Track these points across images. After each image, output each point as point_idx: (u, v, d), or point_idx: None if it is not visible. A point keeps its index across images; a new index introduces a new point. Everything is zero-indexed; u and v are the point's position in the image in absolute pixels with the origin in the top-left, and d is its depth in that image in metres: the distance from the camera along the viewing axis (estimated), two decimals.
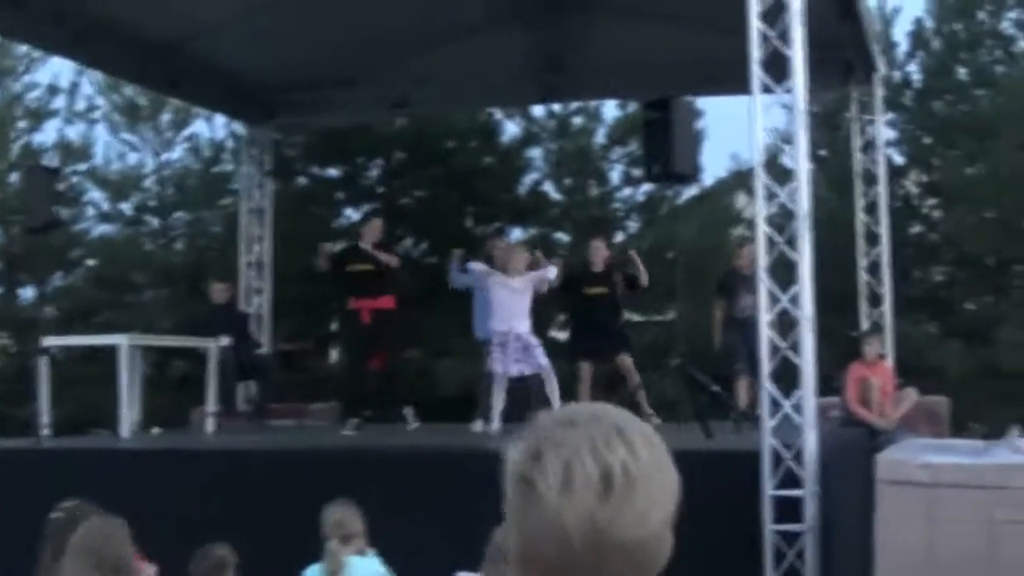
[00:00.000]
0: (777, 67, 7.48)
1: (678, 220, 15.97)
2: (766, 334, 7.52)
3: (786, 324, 7.53)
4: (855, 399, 11.35)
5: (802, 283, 7.43)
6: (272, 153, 15.10)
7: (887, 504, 6.73)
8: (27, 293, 17.93)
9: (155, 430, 12.21)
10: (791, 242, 7.51)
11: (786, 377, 7.62)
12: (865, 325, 12.67)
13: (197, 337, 12.27)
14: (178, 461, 9.74)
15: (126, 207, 18.19)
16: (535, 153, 16.66)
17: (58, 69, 17.54)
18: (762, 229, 7.55)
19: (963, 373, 14.35)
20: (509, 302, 10.20)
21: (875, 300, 12.80)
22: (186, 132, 18.21)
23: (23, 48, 16.91)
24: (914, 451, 7.01)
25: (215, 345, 11.98)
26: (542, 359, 10.00)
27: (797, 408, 7.37)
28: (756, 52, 7.45)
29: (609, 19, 12.70)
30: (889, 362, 12.32)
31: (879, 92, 13.06)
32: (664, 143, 8.42)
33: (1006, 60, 14.95)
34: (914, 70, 15.45)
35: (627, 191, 16.51)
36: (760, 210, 7.53)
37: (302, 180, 16.79)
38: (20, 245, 16.07)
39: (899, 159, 15.62)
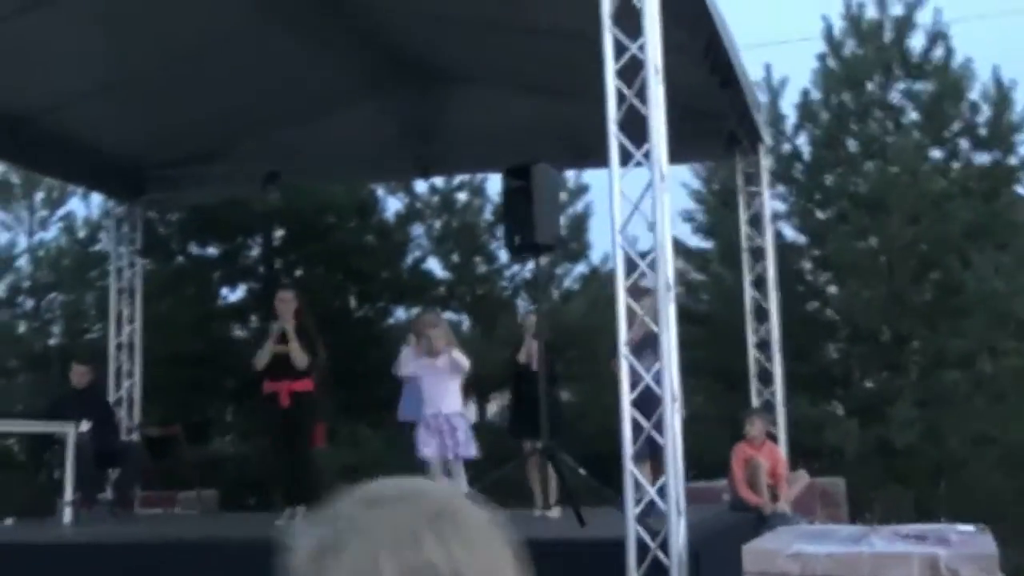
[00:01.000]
0: (637, 129, 7.02)
1: (567, 299, 15.53)
2: (628, 413, 7.00)
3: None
4: (742, 481, 10.85)
5: (666, 359, 6.92)
6: (143, 231, 14.47)
7: None
8: None
9: (7, 520, 11.49)
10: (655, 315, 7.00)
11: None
12: (756, 404, 12.24)
13: (56, 422, 11.57)
14: (27, 554, 8.97)
15: None
16: (418, 230, 16.15)
17: None
18: (622, 302, 7.05)
19: (860, 452, 13.94)
20: (433, 383, 9.72)
21: (766, 378, 12.37)
22: (62, 211, 17.54)
23: None
24: (786, 539, 6.47)
25: (73, 431, 11.28)
26: (464, 448, 9.47)
27: (662, 493, 6.83)
28: (613, 111, 6.99)
29: (476, 90, 12.33)
30: (780, 443, 11.88)
31: (765, 164, 12.72)
32: (525, 212, 7.93)
33: (895, 131, 14.70)
34: (803, 142, 15.16)
35: (515, 268, 16.02)
36: (620, 281, 7.03)
37: (178, 259, 16.12)
38: None
39: (791, 233, 15.31)
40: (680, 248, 17.64)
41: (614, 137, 6.97)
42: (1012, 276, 12.82)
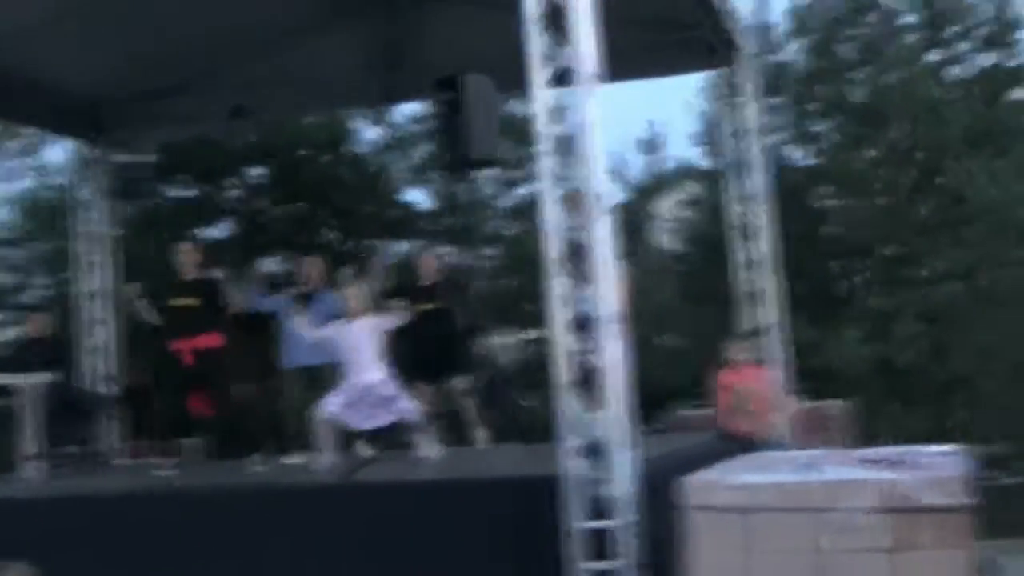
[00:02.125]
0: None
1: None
2: (562, 339, 6.42)
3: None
4: (726, 409, 10.28)
5: (600, 274, 6.33)
6: (110, 173, 13.88)
7: (698, 534, 5.62)
8: None
9: None
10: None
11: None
12: (748, 325, 11.63)
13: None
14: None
15: None
16: (400, 163, 15.51)
17: None
18: (550, 215, 6.44)
19: (864, 372, 13.34)
20: (353, 350, 9.18)
21: (758, 299, 11.73)
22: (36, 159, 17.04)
23: None
24: (733, 471, 5.88)
25: (27, 381, 10.77)
26: (404, 404, 8.94)
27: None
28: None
29: (446, 10, 11.64)
30: (770, 367, 11.27)
31: (747, 73, 12.02)
32: (457, 126, 7.29)
33: (890, 36, 13.96)
34: (796, 51, 14.42)
35: (502, 197, 15.41)
36: (547, 194, 6.43)
37: (149, 201, 15.57)
38: None
39: (788, 147, 14.63)
40: (693, 172, 17.03)
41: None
42: (1011, 184, 12.14)
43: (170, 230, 15.10)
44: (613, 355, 6.35)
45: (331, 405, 8.79)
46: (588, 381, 6.33)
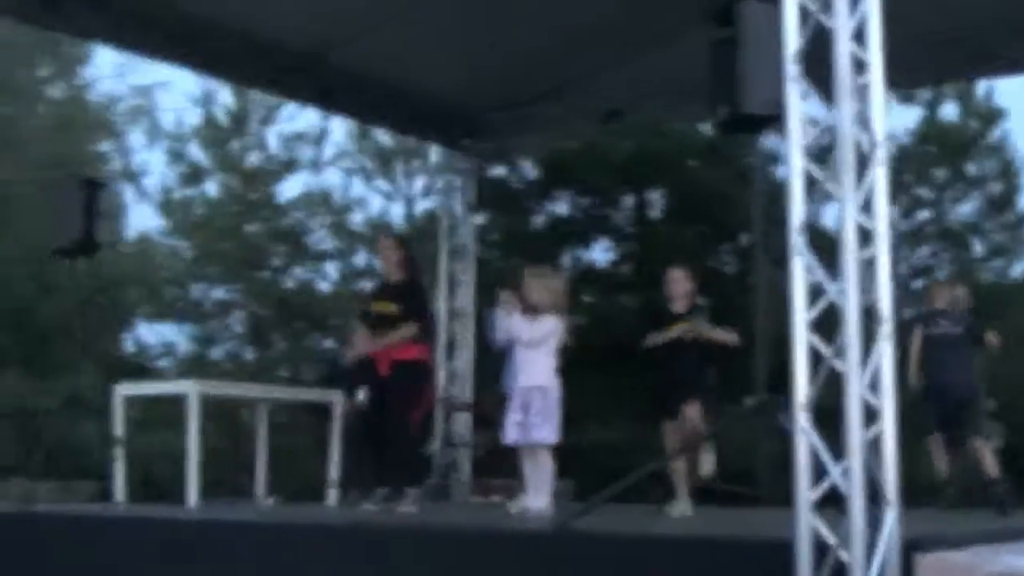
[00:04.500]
0: None
1: None
2: (803, 337, 4.67)
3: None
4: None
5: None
6: (475, 183, 12.98)
7: None
8: None
9: (269, 500, 10.27)
10: None
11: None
12: None
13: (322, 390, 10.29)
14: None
15: None
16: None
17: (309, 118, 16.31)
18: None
19: None
20: (519, 352, 8.11)
21: None
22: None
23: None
24: (986, 550, 3.94)
25: (341, 401, 9.92)
26: (539, 432, 7.53)
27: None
28: None
29: None
30: None
31: None
32: (732, 71, 5.62)
33: None
34: None
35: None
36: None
37: (531, 217, 14.47)
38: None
39: None
40: None
41: None
42: None
43: (543, 250, 13.96)
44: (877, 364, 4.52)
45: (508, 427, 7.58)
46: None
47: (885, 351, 4.74)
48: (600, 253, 14.34)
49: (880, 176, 4.83)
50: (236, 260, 16.04)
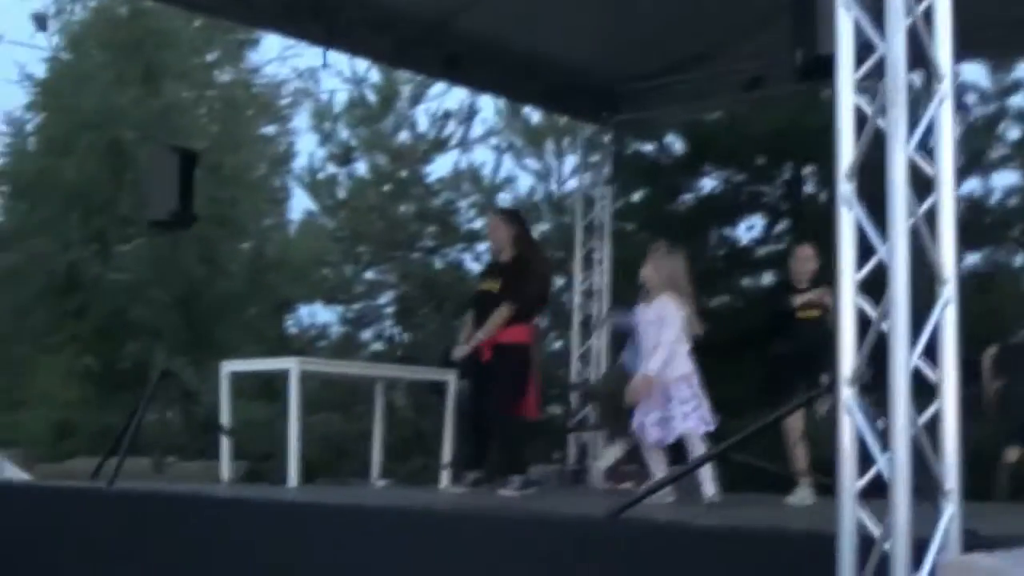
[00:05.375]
0: None
1: None
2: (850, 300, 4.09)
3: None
4: None
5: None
6: (612, 158, 12.45)
7: None
8: None
9: (381, 482, 10.00)
10: None
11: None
12: None
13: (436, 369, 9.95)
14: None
15: None
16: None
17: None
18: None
19: None
20: (642, 335, 7.67)
21: None
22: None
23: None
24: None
25: (454, 380, 9.57)
26: (682, 423, 6.97)
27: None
28: None
29: None
30: None
31: None
32: (810, 13, 5.03)
33: None
34: None
35: None
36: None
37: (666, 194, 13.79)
38: None
39: None
40: None
41: None
42: None
43: (686, 227, 13.29)
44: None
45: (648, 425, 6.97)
46: None
47: (947, 317, 4.10)
48: (748, 231, 13.59)
49: (945, 113, 4.19)
50: (385, 241, 15.82)
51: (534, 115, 15.69)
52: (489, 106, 16.03)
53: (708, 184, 13.88)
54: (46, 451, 15.30)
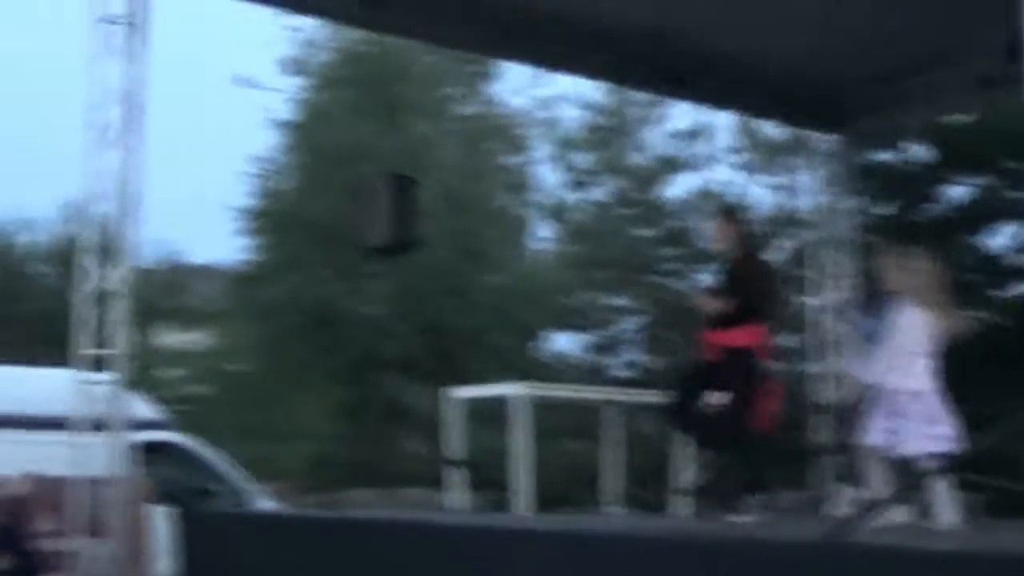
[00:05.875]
0: None
1: None
2: None
3: None
4: None
5: None
6: (850, 167, 11.95)
7: None
8: None
9: (613, 508, 9.80)
10: None
11: None
12: None
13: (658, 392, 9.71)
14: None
15: None
16: None
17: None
18: None
19: None
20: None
21: None
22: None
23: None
24: None
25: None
26: (912, 442, 6.60)
27: None
28: None
29: None
30: None
31: None
32: None
33: None
34: None
35: None
36: None
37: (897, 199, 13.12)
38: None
39: None
40: None
41: None
42: None
43: (939, 237, 12.65)
44: None
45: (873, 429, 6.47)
46: None
47: None
48: (1005, 240, 12.84)
49: None
50: (625, 265, 15.66)
51: (769, 129, 15.28)
52: (723, 124, 15.74)
53: (957, 191, 13.16)
54: (304, 484, 15.64)
